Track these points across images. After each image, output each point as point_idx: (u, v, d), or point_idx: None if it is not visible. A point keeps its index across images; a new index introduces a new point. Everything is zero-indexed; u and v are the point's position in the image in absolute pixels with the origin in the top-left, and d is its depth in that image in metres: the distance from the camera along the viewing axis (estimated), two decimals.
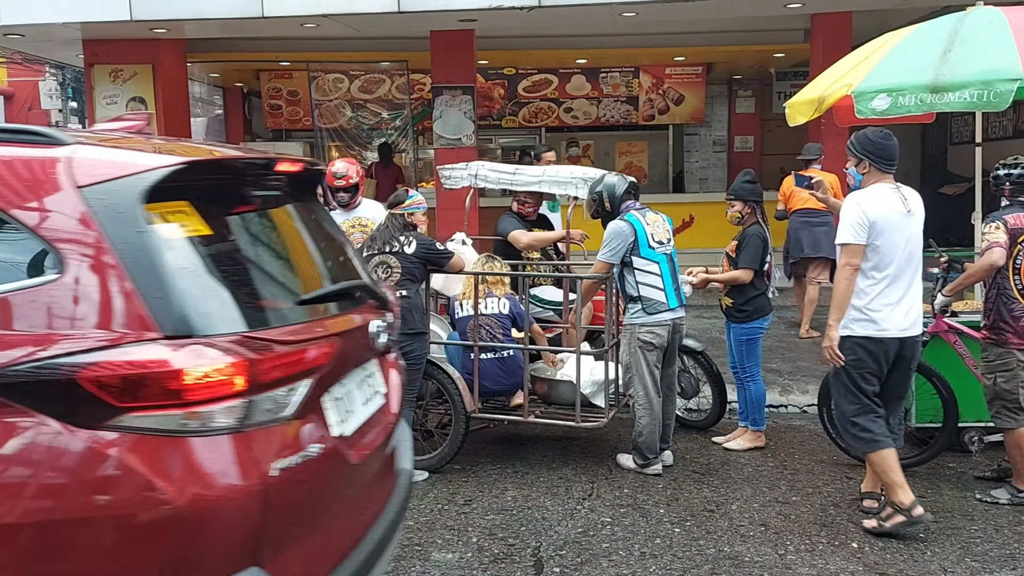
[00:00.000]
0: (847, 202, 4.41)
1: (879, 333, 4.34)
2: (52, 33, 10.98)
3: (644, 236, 5.26)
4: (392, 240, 5.18)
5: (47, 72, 24.62)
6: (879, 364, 4.39)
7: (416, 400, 5.50)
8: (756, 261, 5.58)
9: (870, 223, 4.28)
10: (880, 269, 4.33)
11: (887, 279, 4.34)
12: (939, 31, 5.20)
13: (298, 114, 14.77)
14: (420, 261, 5.18)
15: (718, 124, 16.09)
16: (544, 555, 4.29)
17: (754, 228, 5.66)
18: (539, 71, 14.57)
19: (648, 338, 5.27)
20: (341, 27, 10.64)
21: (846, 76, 5.41)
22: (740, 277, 5.61)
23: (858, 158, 4.45)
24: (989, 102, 4.71)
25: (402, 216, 5.30)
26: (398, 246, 5.15)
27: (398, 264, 5.12)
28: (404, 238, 5.17)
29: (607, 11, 9.84)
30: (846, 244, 4.33)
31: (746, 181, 5.78)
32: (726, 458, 5.65)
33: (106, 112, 11.51)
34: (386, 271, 5.12)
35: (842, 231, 4.35)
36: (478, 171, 6.56)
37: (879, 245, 4.30)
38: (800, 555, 4.25)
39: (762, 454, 5.72)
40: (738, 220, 5.76)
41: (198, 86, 14.36)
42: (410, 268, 5.14)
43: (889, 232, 4.30)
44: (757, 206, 5.70)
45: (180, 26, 10.66)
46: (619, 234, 5.27)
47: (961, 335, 5.23)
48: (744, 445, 5.79)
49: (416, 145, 14.21)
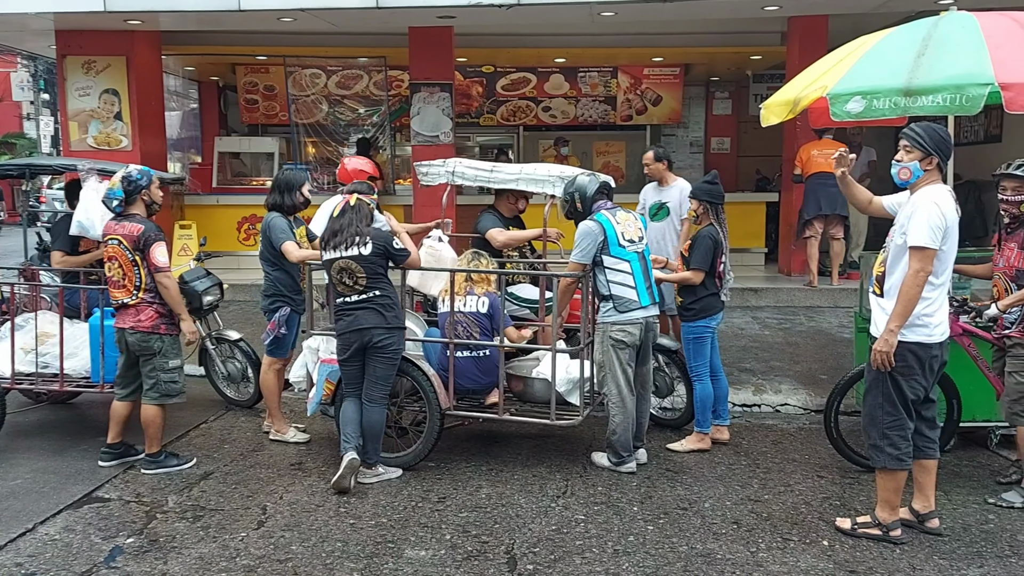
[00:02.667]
0: (926, 201, 4.12)
1: (929, 339, 4.21)
2: (24, 23, 10.84)
3: (614, 235, 5.27)
4: (355, 237, 5.08)
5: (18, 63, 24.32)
6: (926, 371, 4.25)
7: (391, 397, 5.49)
8: (705, 262, 5.62)
9: (947, 227, 4.12)
10: (939, 275, 4.19)
11: (943, 285, 4.23)
12: (913, 35, 5.24)
13: (274, 109, 14.69)
14: (379, 257, 5.13)
15: (695, 125, 16.19)
16: (518, 552, 4.29)
17: (707, 229, 5.71)
18: (518, 69, 14.59)
19: (620, 336, 5.28)
20: (319, 22, 10.59)
21: (821, 78, 5.44)
22: (689, 278, 5.63)
23: (927, 153, 4.19)
24: (961, 106, 4.75)
25: (367, 205, 5.23)
26: (356, 249, 5.06)
27: (360, 268, 5.06)
28: (361, 238, 5.07)
29: (586, 10, 9.86)
30: (925, 248, 4.07)
31: (706, 182, 5.84)
32: (699, 457, 5.68)
33: (78, 104, 11.39)
34: (351, 278, 5.08)
35: (921, 233, 4.06)
36: (456, 168, 6.55)
37: (945, 251, 4.16)
38: (772, 552, 4.28)
39: (735, 453, 5.75)
40: (694, 219, 5.83)
41: (173, 79, 14.24)
42: (372, 268, 5.09)
43: (952, 238, 4.17)
44: (712, 207, 5.74)
45: (155, 18, 10.56)
46: (588, 234, 5.29)
47: (973, 337, 5.26)
48: (686, 447, 5.76)
49: (393, 142, 14.17)
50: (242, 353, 6.70)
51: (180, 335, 5.51)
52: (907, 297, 4.11)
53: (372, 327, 5.09)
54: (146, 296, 5.31)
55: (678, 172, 7.58)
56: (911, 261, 4.11)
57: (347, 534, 4.52)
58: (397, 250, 5.19)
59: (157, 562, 4.23)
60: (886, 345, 4.16)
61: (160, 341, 5.35)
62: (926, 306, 4.17)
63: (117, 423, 5.54)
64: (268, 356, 6.04)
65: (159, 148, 12.02)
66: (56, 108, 21.57)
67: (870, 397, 4.37)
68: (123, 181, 5.34)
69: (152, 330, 5.32)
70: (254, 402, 6.73)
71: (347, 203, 5.22)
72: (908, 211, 4.21)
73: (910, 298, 4.10)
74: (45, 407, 6.90)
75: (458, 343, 5.51)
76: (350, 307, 5.13)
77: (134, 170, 5.44)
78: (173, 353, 5.44)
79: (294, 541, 4.44)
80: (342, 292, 5.15)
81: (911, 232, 4.10)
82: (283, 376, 6.12)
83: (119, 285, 5.33)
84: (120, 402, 5.54)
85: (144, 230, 5.26)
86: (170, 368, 5.41)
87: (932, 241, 4.06)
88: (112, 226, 5.35)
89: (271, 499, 5.00)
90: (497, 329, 5.57)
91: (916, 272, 4.08)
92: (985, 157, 11.22)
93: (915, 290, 4.09)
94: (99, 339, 5.83)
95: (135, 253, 5.25)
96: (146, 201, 5.41)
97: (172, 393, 5.44)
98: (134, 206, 5.38)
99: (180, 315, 5.42)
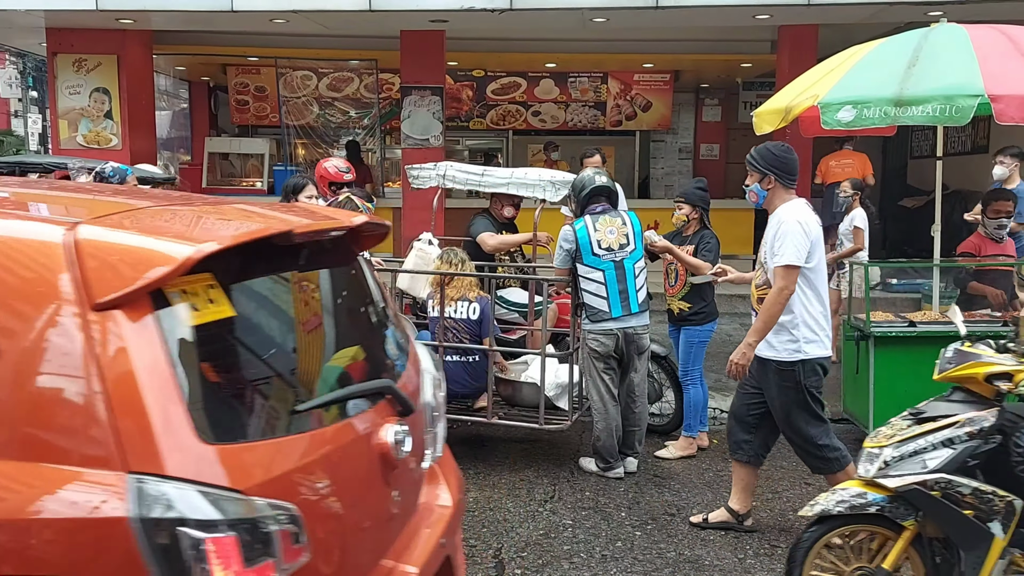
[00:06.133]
0: (788, 219, 4.21)
1: (827, 351, 4.33)
2: (13, 20, 10.79)
3: (587, 243, 5.26)
4: None
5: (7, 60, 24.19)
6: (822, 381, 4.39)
7: None
8: (716, 261, 5.63)
9: (811, 243, 4.21)
10: (818, 289, 4.30)
11: (824, 298, 4.35)
12: (904, 46, 5.29)
13: (265, 110, 14.66)
14: None
15: (684, 131, 16.24)
16: (506, 556, 4.29)
17: (709, 232, 5.73)
18: (508, 74, 14.60)
19: (593, 346, 5.29)
20: (311, 24, 10.58)
21: (813, 87, 5.48)
22: (702, 267, 5.56)
23: (763, 173, 4.32)
24: (951, 117, 4.79)
25: (352, 204, 5.20)
26: None
27: None
28: None
29: (578, 16, 9.89)
30: (789, 266, 4.15)
31: (698, 187, 5.88)
32: (687, 463, 5.69)
33: (69, 102, 11.34)
34: None
35: (785, 252, 4.15)
36: (446, 171, 6.55)
37: (813, 266, 4.25)
38: (759, 559, 4.30)
39: (723, 459, 5.75)
40: (683, 223, 5.82)
41: (164, 79, 14.20)
42: None
43: (818, 250, 4.28)
44: (705, 212, 5.77)
45: (147, 17, 10.53)
46: (562, 240, 5.33)
47: None
48: (675, 453, 5.75)
49: (383, 145, 14.17)
50: None
51: None
52: (769, 314, 4.20)
53: None
54: None
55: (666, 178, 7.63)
56: (776, 279, 4.20)
57: None
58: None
59: None
60: (743, 359, 4.26)
61: None
62: (817, 321, 4.26)
63: None
64: None
65: (149, 147, 11.98)
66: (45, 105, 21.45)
67: (796, 421, 4.34)
68: (95, 177, 5.35)
69: None
70: None
71: (335, 200, 5.22)
72: (773, 231, 4.30)
73: (772, 315, 4.19)
74: None
75: (447, 347, 5.51)
76: None
77: (109, 167, 5.44)
78: None
79: None
80: None
81: (778, 252, 4.19)
82: None
83: None
84: None
85: None
86: None
87: (797, 259, 4.15)
88: None
89: None
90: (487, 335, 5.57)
91: (780, 290, 4.17)
92: (972, 167, 11.31)
93: (777, 307, 4.18)
94: None
95: None
96: None
97: None
98: None
99: None
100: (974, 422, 3.20)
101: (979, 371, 3.24)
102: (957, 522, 3.18)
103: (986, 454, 3.21)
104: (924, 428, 3.26)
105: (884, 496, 3.27)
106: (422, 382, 2.72)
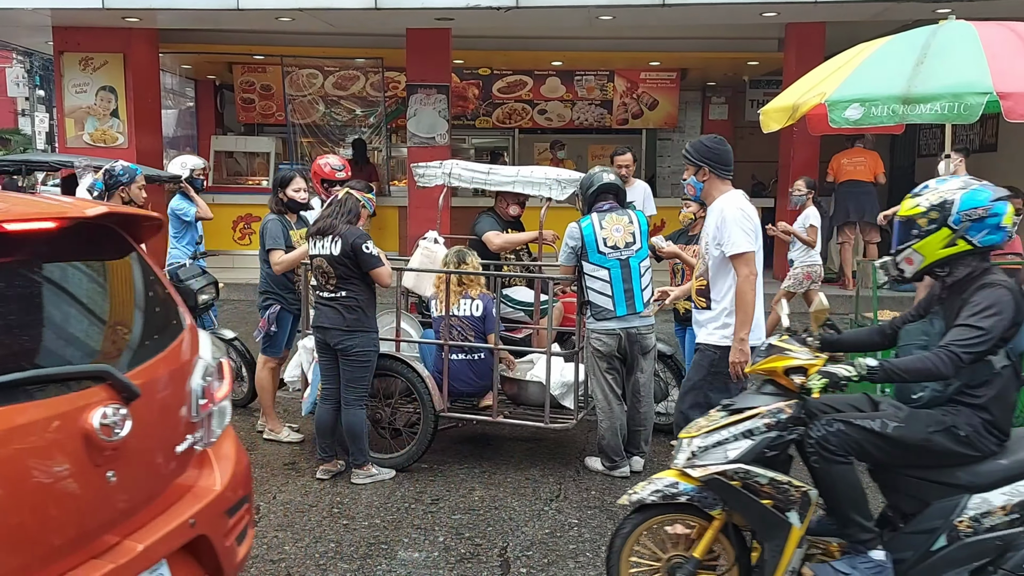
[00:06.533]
0: (730, 208, 4.28)
1: (757, 340, 4.35)
2: (20, 18, 10.83)
3: (592, 241, 5.25)
4: (329, 231, 4.98)
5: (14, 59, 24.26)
6: None
7: (385, 398, 5.48)
8: None
9: (755, 227, 4.30)
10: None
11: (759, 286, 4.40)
12: (912, 43, 5.27)
13: (271, 108, 14.67)
14: (347, 258, 4.96)
15: (691, 130, 16.19)
16: (511, 555, 4.28)
17: None
18: (514, 72, 14.59)
19: (596, 344, 5.27)
20: (317, 22, 10.58)
21: (820, 85, 5.46)
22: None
23: (697, 165, 4.43)
24: (959, 114, 4.77)
25: (356, 201, 5.15)
26: (328, 247, 4.97)
27: (331, 269, 4.97)
28: (334, 236, 4.95)
29: (584, 14, 9.88)
30: (745, 252, 4.22)
31: None
32: None
33: (75, 101, 11.37)
34: (324, 276, 5.02)
35: (738, 240, 4.22)
36: (452, 170, 6.54)
37: (755, 251, 4.33)
38: None
39: None
40: (690, 221, 5.82)
41: (170, 77, 14.22)
42: (342, 270, 4.96)
43: (759, 237, 4.36)
44: None
45: (153, 15, 10.55)
46: (568, 238, 5.32)
47: None
48: None
49: (389, 143, 14.17)
50: (236, 352, 6.68)
51: None
52: (745, 302, 4.27)
53: (330, 327, 5.04)
54: None
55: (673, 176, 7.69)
56: (738, 268, 4.26)
57: (340, 535, 4.50)
58: (366, 254, 4.96)
59: None
60: (743, 356, 4.26)
61: None
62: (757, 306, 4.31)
63: None
64: (263, 354, 6.03)
65: (155, 146, 12.00)
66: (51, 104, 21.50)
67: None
68: (104, 174, 5.35)
69: None
70: (248, 401, 6.71)
71: (335, 196, 5.20)
72: (714, 221, 4.35)
73: (748, 302, 4.25)
74: None
75: (452, 345, 5.50)
76: (320, 302, 5.12)
77: (119, 166, 5.44)
78: None
79: (287, 541, 4.43)
80: (318, 287, 5.12)
81: (728, 242, 4.25)
82: (278, 375, 6.11)
83: None
84: None
85: None
86: None
87: (749, 245, 4.23)
88: None
89: (264, 499, 4.98)
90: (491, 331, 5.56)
91: (746, 277, 4.26)
92: (981, 166, 11.27)
93: (751, 294, 4.25)
94: None
95: None
96: (124, 198, 5.40)
97: None
98: (111, 201, 5.36)
99: None
100: (772, 414, 3.29)
101: (779, 365, 3.31)
102: (756, 511, 3.25)
103: (785, 445, 3.29)
104: (731, 419, 3.34)
105: (695, 486, 3.33)
106: (190, 370, 2.82)
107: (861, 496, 3.25)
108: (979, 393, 3.10)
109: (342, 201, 5.10)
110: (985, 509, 3.11)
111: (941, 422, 3.13)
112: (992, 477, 3.13)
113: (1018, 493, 3.10)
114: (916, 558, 3.19)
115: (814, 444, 3.23)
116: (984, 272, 3.15)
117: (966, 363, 3.01)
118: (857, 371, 3.08)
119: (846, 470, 3.22)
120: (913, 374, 3.08)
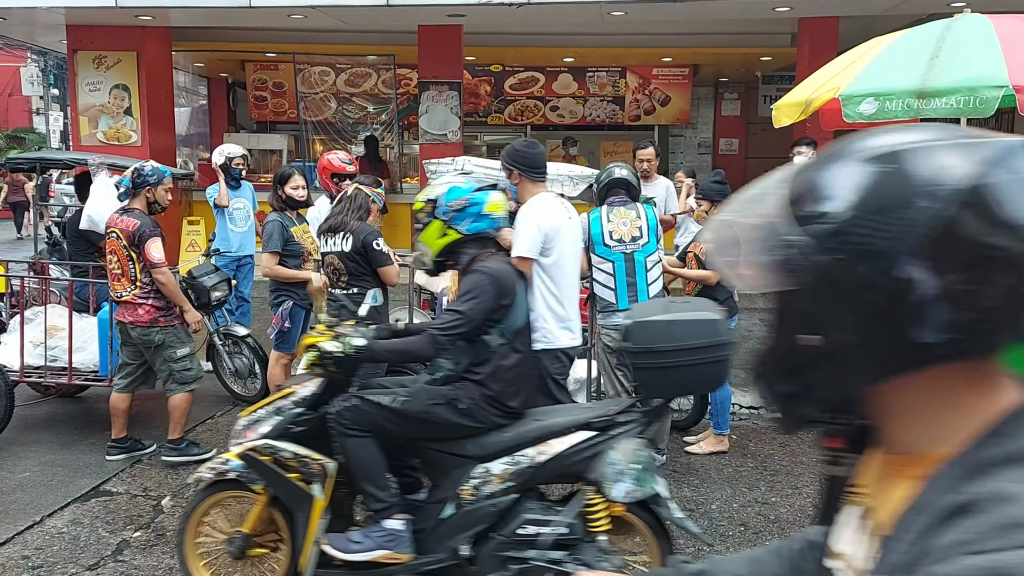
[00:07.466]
0: (523, 215, 4.37)
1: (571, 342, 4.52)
2: (35, 17, 10.88)
3: (599, 234, 5.24)
4: (340, 227, 4.94)
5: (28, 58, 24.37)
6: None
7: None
8: None
9: (545, 235, 4.31)
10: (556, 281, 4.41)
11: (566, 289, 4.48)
12: (927, 37, 5.23)
13: (283, 106, 14.71)
14: (359, 255, 4.93)
15: (703, 126, 16.17)
16: None
17: None
18: (526, 69, 14.59)
19: (606, 340, 5.27)
20: (328, 19, 10.60)
21: (834, 79, 5.42)
22: (708, 277, 5.56)
23: (508, 170, 4.50)
24: (975, 109, 4.73)
25: (367, 197, 5.13)
26: (339, 244, 4.93)
27: (343, 266, 4.95)
28: (345, 232, 4.91)
29: (596, 9, 9.86)
30: (523, 258, 4.25)
31: (715, 181, 5.84)
32: (706, 458, 5.66)
33: (89, 99, 11.42)
34: (335, 274, 5.00)
35: (518, 244, 4.30)
36: (465, 166, 6.54)
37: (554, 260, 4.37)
38: None
39: (742, 455, 5.74)
40: (704, 219, 5.81)
41: (183, 75, 14.27)
42: (353, 267, 4.93)
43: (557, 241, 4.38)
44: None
45: (165, 14, 10.59)
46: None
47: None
48: (705, 449, 5.74)
49: (401, 140, 14.18)
50: (249, 349, 6.70)
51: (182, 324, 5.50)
52: None
53: None
54: (139, 292, 5.29)
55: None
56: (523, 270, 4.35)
57: None
58: (376, 251, 4.93)
59: (164, 556, 4.23)
60: None
61: (161, 333, 5.34)
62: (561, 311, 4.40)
63: (119, 416, 5.54)
64: (275, 351, 6.05)
65: (168, 144, 12.05)
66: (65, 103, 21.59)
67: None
68: (133, 172, 5.37)
69: (151, 324, 5.31)
70: (261, 397, 6.72)
71: (344, 193, 5.19)
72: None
73: None
74: (53, 401, 6.91)
75: None
76: (332, 299, 5.11)
77: (148, 166, 5.45)
78: (179, 342, 5.42)
79: None
80: (331, 284, 5.12)
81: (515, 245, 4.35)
82: (290, 371, 6.13)
83: (118, 278, 5.34)
84: (118, 394, 5.53)
85: (139, 226, 5.25)
86: (179, 358, 5.41)
87: (528, 251, 4.30)
88: (114, 219, 5.35)
89: None
90: None
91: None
92: None
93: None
94: (108, 333, 5.84)
95: (131, 248, 5.25)
96: (149, 199, 5.41)
97: (188, 380, 5.45)
98: (136, 200, 5.38)
99: (182, 307, 5.43)
100: (299, 392, 3.48)
101: (301, 344, 3.56)
102: (284, 485, 3.44)
103: (313, 422, 3.47)
104: (271, 398, 3.55)
105: (243, 463, 3.46)
106: None
107: (375, 468, 3.42)
108: (480, 370, 3.35)
109: (352, 197, 5.09)
110: (485, 478, 3.33)
111: (444, 395, 3.37)
112: (496, 447, 3.35)
113: (515, 463, 3.32)
114: (431, 527, 3.40)
115: (332, 419, 3.41)
116: (478, 259, 3.44)
117: (446, 344, 3.27)
118: (344, 348, 3.29)
119: (360, 443, 3.40)
120: (398, 355, 3.45)
